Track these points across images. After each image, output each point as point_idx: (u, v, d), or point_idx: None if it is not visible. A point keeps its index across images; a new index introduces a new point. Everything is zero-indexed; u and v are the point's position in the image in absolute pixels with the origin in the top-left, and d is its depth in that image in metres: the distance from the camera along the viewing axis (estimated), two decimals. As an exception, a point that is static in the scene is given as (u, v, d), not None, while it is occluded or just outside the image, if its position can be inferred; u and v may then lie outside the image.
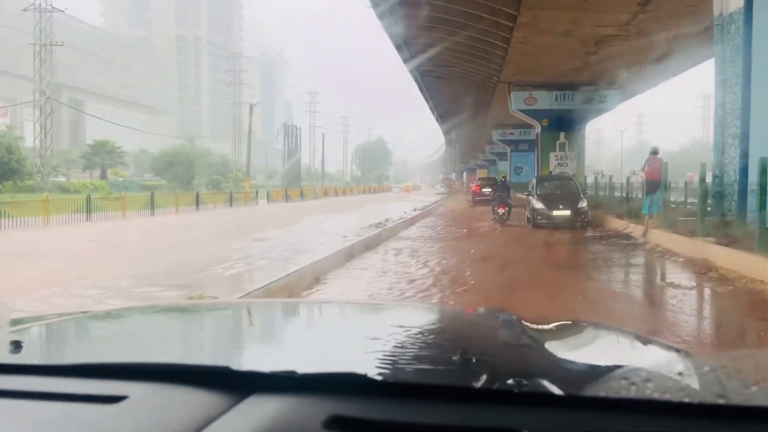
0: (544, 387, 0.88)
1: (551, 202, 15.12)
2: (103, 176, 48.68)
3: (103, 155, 51.07)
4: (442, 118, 64.02)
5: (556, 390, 0.86)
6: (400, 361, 1.09)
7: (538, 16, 21.00)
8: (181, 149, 43.98)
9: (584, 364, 1.18)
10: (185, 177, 38.84)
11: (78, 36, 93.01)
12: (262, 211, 26.17)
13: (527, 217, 17.11)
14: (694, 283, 8.51)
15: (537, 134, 35.79)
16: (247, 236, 12.36)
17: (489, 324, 1.67)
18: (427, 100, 50.28)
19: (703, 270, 8.99)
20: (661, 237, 12.36)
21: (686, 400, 0.84)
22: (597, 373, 0.99)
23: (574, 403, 0.86)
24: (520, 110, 34.62)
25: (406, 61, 35.35)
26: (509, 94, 34.86)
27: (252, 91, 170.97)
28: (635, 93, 35.93)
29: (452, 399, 0.87)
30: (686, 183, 21.60)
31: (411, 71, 38.91)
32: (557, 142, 34.82)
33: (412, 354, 1.17)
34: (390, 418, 0.81)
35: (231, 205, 26.70)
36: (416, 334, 1.37)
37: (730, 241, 9.36)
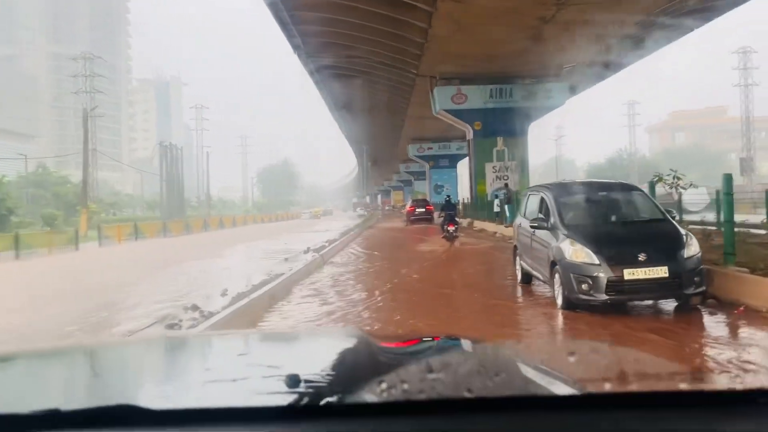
0: (354, 399, 0.98)
1: (617, 246, 6.39)
2: None
3: None
4: (351, 133, 56.25)
5: (363, 400, 0.97)
6: (215, 387, 1.14)
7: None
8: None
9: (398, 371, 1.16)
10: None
11: None
12: (52, 265, 16.62)
13: (523, 272, 8.40)
14: None
15: (469, 141, 28.40)
16: None
17: (334, 343, 1.74)
18: (330, 109, 42.21)
19: None
20: None
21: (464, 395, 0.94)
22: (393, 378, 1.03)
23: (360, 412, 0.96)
24: (447, 110, 27.14)
25: (296, 48, 27.07)
26: (432, 90, 27.35)
27: (146, 114, 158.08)
28: (584, 87, 29.43)
29: (267, 419, 0.91)
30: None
31: (307, 67, 30.66)
32: (494, 150, 27.57)
33: (234, 379, 1.19)
34: None
35: (17, 255, 17.01)
36: (253, 361, 1.40)
37: None
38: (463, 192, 59.09)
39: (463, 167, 70.68)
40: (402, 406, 0.93)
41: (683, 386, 1.15)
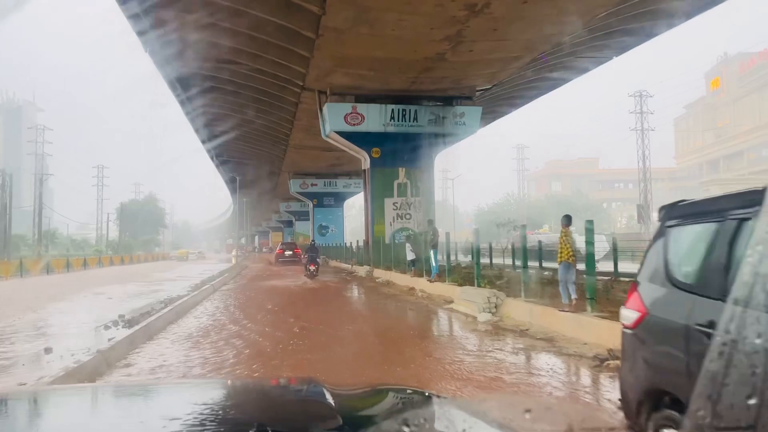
0: None
1: None
2: None
3: None
4: (225, 165, 49.73)
5: None
6: None
7: None
8: None
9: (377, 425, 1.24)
10: None
11: None
12: None
13: None
14: None
15: (365, 171, 23.58)
16: None
17: (294, 395, 1.70)
18: (199, 133, 35.83)
19: None
20: None
21: None
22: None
23: None
24: (339, 133, 22.24)
25: (149, 49, 21.06)
26: (321, 108, 22.41)
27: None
28: (501, 113, 25.85)
29: None
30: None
31: (166, 76, 24.53)
32: (395, 183, 22.98)
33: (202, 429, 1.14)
34: None
35: None
36: (216, 411, 1.34)
37: None
38: (354, 234, 54.23)
39: (350, 208, 65.59)
40: None
41: None
